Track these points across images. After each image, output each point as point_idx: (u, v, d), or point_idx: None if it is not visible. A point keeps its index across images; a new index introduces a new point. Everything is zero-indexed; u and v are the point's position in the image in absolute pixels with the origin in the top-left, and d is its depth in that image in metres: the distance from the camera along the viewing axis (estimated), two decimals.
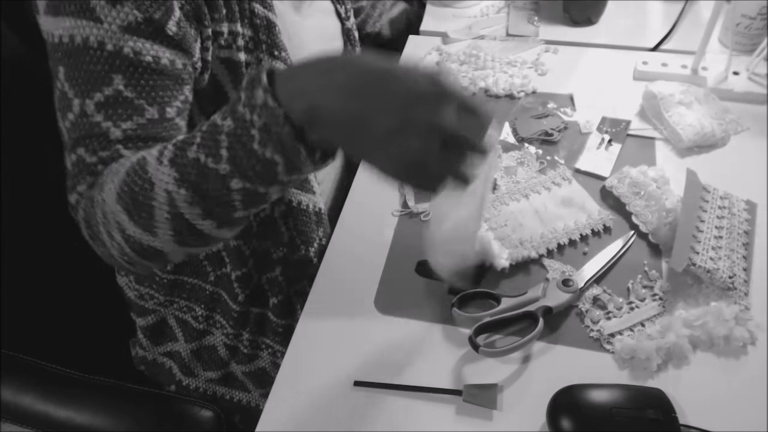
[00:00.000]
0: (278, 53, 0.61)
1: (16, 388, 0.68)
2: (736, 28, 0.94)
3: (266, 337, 0.78)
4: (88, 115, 0.53)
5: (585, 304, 0.66)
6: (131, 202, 0.49)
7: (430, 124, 0.41)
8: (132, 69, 0.52)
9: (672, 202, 0.72)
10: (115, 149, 0.53)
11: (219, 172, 0.46)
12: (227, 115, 0.46)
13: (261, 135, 0.44)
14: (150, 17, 0.51)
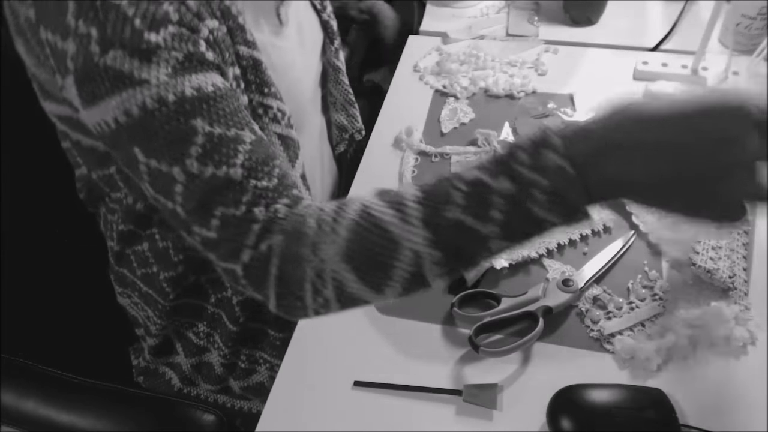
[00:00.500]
0: (267, 90, 0.59)
1: (18, 393, 0.68)
2: (736, 28, 0.94)
3: (264, 351, 0.77)
4: (197, 175, 0.48)
5: (585, 304, 0.66)
6: (365, 261, 0.47)
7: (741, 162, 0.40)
8: (206, 106, 0.48)
9: None
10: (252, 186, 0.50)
11: (481, 233, 0.44)
12: (501, 176, 0.43)
13: (545, 199, 0.42)
14: (188, 52, 0.48)
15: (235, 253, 0.50)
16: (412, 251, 0.45)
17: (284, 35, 0.65)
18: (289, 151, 0.63)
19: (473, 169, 0.45)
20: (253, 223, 0.50)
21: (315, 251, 0.48)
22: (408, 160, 0.85)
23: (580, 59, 1.00)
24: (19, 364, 0.71)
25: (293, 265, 0.49)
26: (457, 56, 1.02)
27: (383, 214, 0.47)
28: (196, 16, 0.49)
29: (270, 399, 0.62)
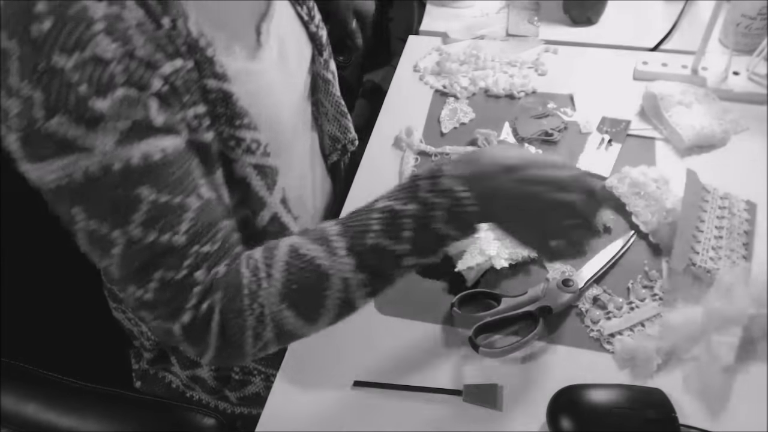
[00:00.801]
0: (239, 122, 0.56)
1: (18, 397, 0.68)
2: (736, 28, 0.94)
3: (257, 363, 0.76)
4: (139, 240, 0.48)
5: (585, 304, 0.66)
6: (302, 298, 0.52)
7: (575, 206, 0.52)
8: (152, 174, 0.48)
9: (672, 202, 0.72)
10: (195, 252, 0.51)
11: (396, 252, 0.52)
12: (408, 201, 0.51)
13: (444, 215, 0.51)
14: (135, 120, 0.47)
15: (174, 314, 0.51)
16: (341, 279, 0.52)
17: (261, 58, 0.63)
18: (266, 179, 0.61)
19: (384, 200, 0.53)
20: (195, 286, 0.51)
21: (254, 299, 0.51)
22: (408, 160, 0.85)
23: (580, 59, 1.00)
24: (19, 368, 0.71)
25: (234, 318, 0.52)
26: (457, 56, 1.02)
27: (311, 250, 0.52)
28: (149, 67, 0.47)
29: (270, 399, 0.62)
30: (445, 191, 0.51)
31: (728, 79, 0.90)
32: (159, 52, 0.48)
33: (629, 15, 1.08)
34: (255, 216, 0.62)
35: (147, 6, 0.48)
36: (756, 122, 0.85)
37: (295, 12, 0.73)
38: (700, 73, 0.91)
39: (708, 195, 0.72)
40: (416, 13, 1.35)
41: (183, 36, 0.51)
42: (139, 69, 0.46)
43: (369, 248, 0.52)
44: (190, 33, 0.51)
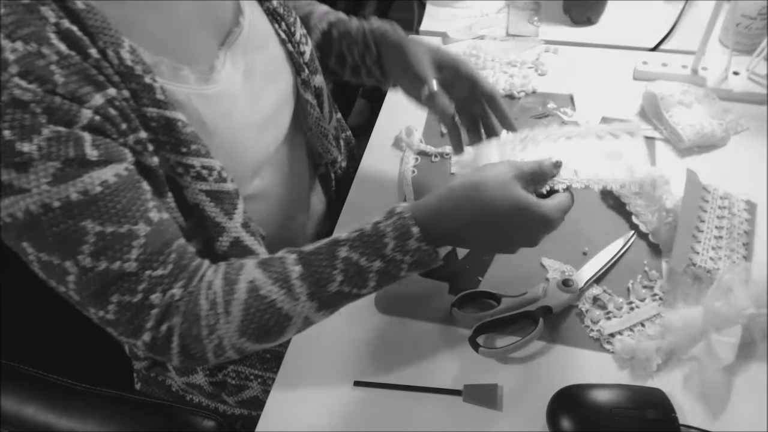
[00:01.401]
0: (186, 149, 0.55)
1: (18, 399, 0.68)
2: (736, 28, 0.94)
3: (253, 367, 0.76)
4: (90, 269, 0.49)
5: (585, 304, 0.66)
6: (262, 334, 0.55)
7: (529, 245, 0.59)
8: (94, 207, 0.48)
9: (672, 202, 0.72)
10: (148, 276, 0.52)
11: (361, 294, 0.56)
12: (374, 258, 0.54)
13: (410, 266, 0.55)
14: (67, 159, 0.47)
15: (136, 333, 0.54)
16: (304, 317, 0.55)
17: (216, 80, 0.60)
18: (222, 204, 0.60)
19: (347, 248, 0.55)
20: (151, 309, 0.53)
21: (212, 331, 0.54)
22: (408, 160, 0.85)
23: (580, 59, 1.00)
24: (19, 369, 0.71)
25: (193, 343, 0.54)
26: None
27: (271, 292, 0.54)
28: (75, 101, 0.47)
29: (270, 399, 0.62)
30: (411, 251, 0.54)
31: (728, 79, 0.90)
32: (87, 85, 0.48)
33: (629, 15, 1.08)
34: (214, 241, 0.62)
35: (71, 39, 0.48)
36: (756, 122, 0.85)
37: (273, 29, 0.70)
38: (700, 73, 0.91)
39: (708, 195, 0.72)
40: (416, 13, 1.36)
41: (115, 65, 0.50)
42: (63, 106, 0.46)
43: (332, 294, 0.55)
44: (122, 61, 0.50)
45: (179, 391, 0.79)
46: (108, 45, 0.50)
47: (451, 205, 0.55)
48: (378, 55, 0.75)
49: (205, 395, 0.78)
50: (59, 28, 0.47)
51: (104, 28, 0.50)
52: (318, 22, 0.81)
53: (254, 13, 0.67)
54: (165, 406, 0.70)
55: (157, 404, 0.70)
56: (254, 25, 0.67)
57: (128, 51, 0.51)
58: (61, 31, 0.47)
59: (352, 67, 0.79)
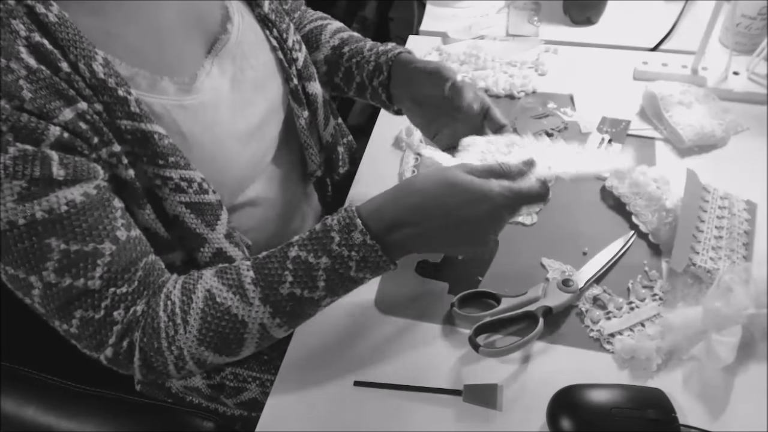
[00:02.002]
0: (164, 161, 0.55)
1: (18, 401, 0.68)
2: (736, 28, 0.94)
3: (251, 370, 0.75)
4: (55, 284, 0.50)
5: (585, 304, 0.66)
6: (220, 342, 0.55)
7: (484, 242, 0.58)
8: (59, 225, 0.49)
9: (672, 202, 0.72)
10: (112, 293, 0.53)
11: (314, 299, 0.55)
12: (321, 254, 0.54)
13: (358, 265, 0.54)
14: (32, 178, 0.47)
15: (98, 347, 0.55)
16: (259, 324, 0.55)
17: (199, 90, 0.59)
18: (203, 216, 0.60)
19: (296, 248, 0.55)
20: (113, 325, 0.54)
21: (171, 342, 0.55)
22: (408, 160, 0.85)
23: (580, 59, 1.00)
24: (19, 371, 0.71)
25: (154, 356, 0.55)
26: (457, 56, 1.02)
27: (226, 299, 0.54)
28: (42, 117, 0.47)
29: (270, 399, 0.62)
30: (356, 245, 0.53)
31: (728, 79, 0.90)
32: (56, 99, 0.48)
33: (629, 15, 1.08)
34: (196, 252, 0.62)
35: (41, 52, 0.48)
36: (756, 122, 0.85)
37: (264, 35, 0.69)
38: (700, 73, 0.91)
39: (708, 195, 0.72)
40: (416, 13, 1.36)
41: (86, 78, 0.50)
42: (30, 123, 0.46)
43: (284, 297, 0.54)
44: (94, 74, 0.50)
45: (178, 392, 0.79)
46: (80, 58, 0.50)
47: (390, 196, 0.56)
48: (388, 78, 0.73)
49: (203, 397, 0.78)
50: (30, 42, 0.47)
51: (76, 41, 0.49)
52: (330, 37, 0.81)
53: (244, 19, 0.67)
54: (164, 407, 0.70)
55: (156, 405, 0.70)
56: (244, 31, 0.66)
57: (101, 64, 0.51)
58: (31, 45, 0.47)
59: (358, 85, 0.78)
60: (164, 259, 0.63)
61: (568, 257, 0.71)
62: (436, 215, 0.54)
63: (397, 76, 0.73)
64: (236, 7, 0.66)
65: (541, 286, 0.65)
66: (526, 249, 0.72)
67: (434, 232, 0.55)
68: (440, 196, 0.54)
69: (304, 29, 0.83)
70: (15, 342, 0.75)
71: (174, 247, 0.62)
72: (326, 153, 0.82)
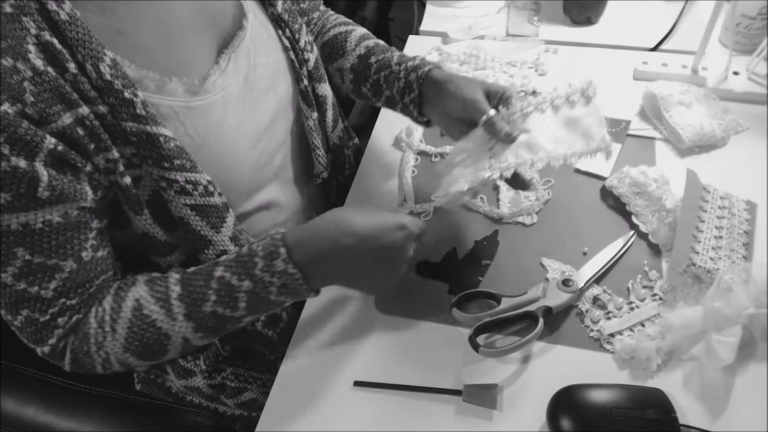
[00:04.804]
0: (168, 164, 0.55)
1: (19, 400, 0.68)
2: (736, 28, 0.94)
3: (252, 370, 0.76)
4: (10, 286, 0.52)
5: (585, 304, 0.66)
6: (144, 351, 0.57)
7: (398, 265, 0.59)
8: (30, 239, 0.51)
9: (672, 202, 0.72)
10: (61, 303, 0.55)
11: (235, 317, 0.57)
12: (244, 277, 0.55)
13: (279, 290, 0.56)
14: (17, 193, 0.48)
15: (37, 343, 0.57)
16: (182, 338, 0.57)
17: (208, 90, 0.59)
18: (208, 218, 0.60)
19: (222, 268, 0.56)
20: (56, 329, 0.56)
21: (99, 347, 0.57)
22: (408, 160, 0.85)
23: (580, 59, 1.00)
24: (20, 370, 0.71)
25: (83, 357, 0.58)
26: (457, 56, 1.02)
27: (152, 312, 0.56)
28: (41, 122, 0.47)
29: (270, 399, 0.62)
30: (278, 273, 0.55)
31: (728, 79, 0.90)
32: (57, 103, 0.48)
33: (629, 15, 1.08)
34: (200, 253, 0.62)
35: (50, 52, 0.48)
36: (756, 122, 0.85)
37: (276, 35, 0.69)
38: (700, 73, 0.91)
39: (708, 195, 0.72)
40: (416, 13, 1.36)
41: (93, 79, 0.50)
42: (26, 134, 0.47)
43: (207, 314, 0.56)
44: (101, 75, 0.50)
45: (179, 392, 0.79)
46: (87, 59, 0.49)
47: (318, 225, 0.58)
48: (419, 96, 0.72)
49: (204, 397, 0.78)
50: (39, 41, 0.47)
51: (85, 41, 0.49)
52: (356, 45, 0.79)
53: (257, 18, 0.67)
54: (164, 406, 0.70)
55: (156, 405, 0.70)
56: (257, 30, 0.66)
57: (108, 65, 0.51)
58: (40, 44, 0.47)
59: (387, 98, 0.77)
60: (162, 261, 0.63)
61: (568, 257, 0.71)
62: (356, 259, 0.57)
63: (428, 95, 0.71)
64: (250, 6, 0.67)
65: (541, 286, 0.65)
66: (526, 249, 0.72)
67: (353, 274, 0.59)
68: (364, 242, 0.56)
69: (327, 34, 0.82)
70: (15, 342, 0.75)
71: (173, 248, 0.62)
72: (333, 155, 0.82)
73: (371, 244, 0.56)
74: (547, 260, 0.71)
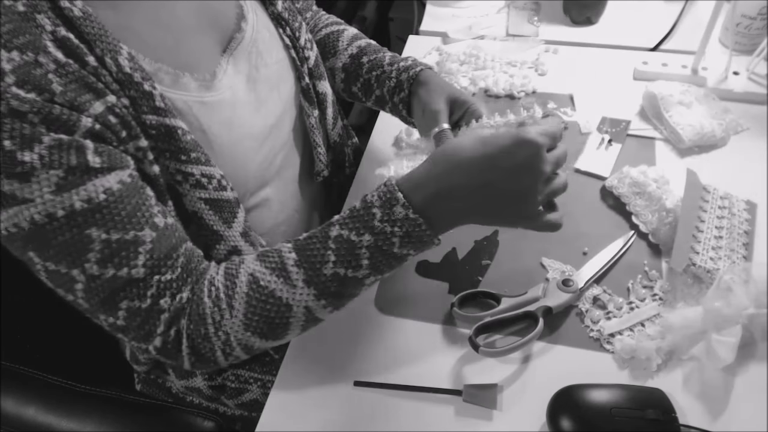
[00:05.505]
0: (185, 157, 0.55)
1: (19, 400, 0.68)
2: (736, 28, 0.94)
3: (253, 371, 0.76)
4: (98, 276, 0.49)
5: (585, 304, 0.66)
6: (266, 327, 0.54)
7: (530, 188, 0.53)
8: (99, 215, 0.48)
9: (672, 202, 0.72)
10: (156, 281, 0.52)
11: (358, 278, 0.54)
12: (364, 231, 0.52)
13: (402, 241, 0.52)
14: (69, 167, 0.46)
15: (146, 338, 0.54)
16: (304, 307, 0.54)
17: (218, 87, 0.60)
18: (221, 213, 0.60)
19: (338, 227, 0.54)
20: (162, 313, 0.53)
21: (218, 328, 0.54)
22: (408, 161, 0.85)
23: (580, 59, 1.00)
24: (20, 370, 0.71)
25: (202, 342, 0.55)
26: (457, 56, 1.02)
27: (270, 282, 0.54)
28: (74, 109, 0.46)
29: (270, 399, 0.62)
30: (399, 220, 0.52)
31: (728, 79, 0.90)
32: (86, 93, 0.48)
33: (629, 15, 1.08)
34: (211, 249, 0.62)
35: (68, 47, 0.47)
36: (756, 122, 0.85)
37: (277, 34, 0.70)
38: (700, 73, 0.91)
39: (708, 195, 0.72)
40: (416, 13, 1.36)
41: (113, 72, 0.50)
42: (62, 115, 0.46)
43: (328, 278, 0.53)
44: (121, 68, 0.50)
45: (179, 392, 0.79)
46: (106, 52, 0.49)
47: (430, 170, 0.54)
48: (409, 96, 0.74)
49: (204, 397, 0.78)
50: (56, 36, 0.47)
51: (101, 35, 0.49)
52: (348, 45, 0.81)
53: (258, 17, 0.67)
54: (165, 407, 0.70)
55: (157, 405, 0.70)
56: (258, 30, 0.66)
57: (127, 58, 0.51)
58: (57, 39, 0.47)
59: (377, 98, 0.78)
60: None
61: (568, 257, 0.71)
62: (478, 189, 0.52)
63: (414, 95, 0.73)
64: (250, 5, 0.67)
65: (541, 286, 0.65)
66: (526, 249, 0.72)
67: (479, 207, 0.53)
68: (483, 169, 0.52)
69: (319, 33, 0.83)
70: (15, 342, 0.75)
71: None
72: (333, 153, 0.82)
73: (491, 173, 0.51)
74: (547, 260, 0.71)
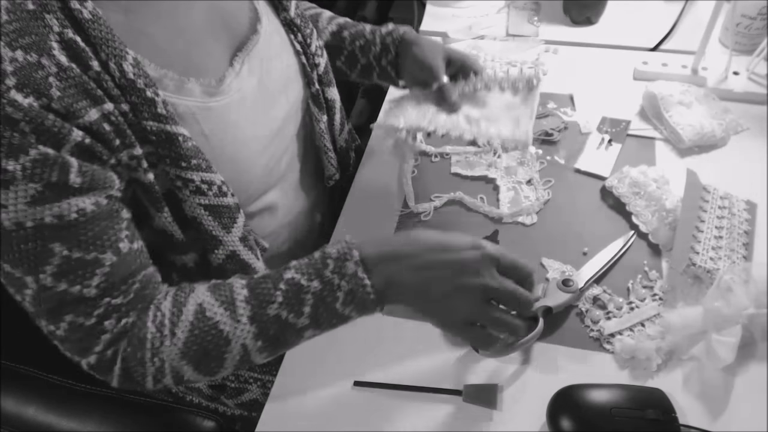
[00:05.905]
0: (186, 164, 0.55)
1: (19, 399, 0.68)
2: (736, 28, 0.94)
3: (252, 370, 0.76)
4: (50, 288, 0.50)
5: (585, 304, 0.66)
6: (202, 358, 0.54)
7: (473, 286, 0.53)
8: (66, 232, 0.49)
9: (672, 202, 0.72)
10: (106, 303, 0.52)
11: (297, 326, 0.54)
12: (314, 277, 0.53)
13: (345, 298, 0.53)
14: (48, 183, 0.46)
15: (82, 353, 0.54)
16: (241, 344, 0.54)
17: (224, 92, 0.60)
18: (221, 218, 0.60)
19: (293, 270, 0.54)
20: (103, 333, 0.53)
21: (155, 354, 0.54)
22: (408, 161, 0.85)
23: (580, 59, 1.00)
24: (20, 370, 0.71)
25: (135, 366, 0.54)
26: None
27: (216, 314, 0.54)
28: (69, 115, 0.47)
29: (270, 399, 0.62)
30: (347, 275, 0.53)
31: (728, 79, 0.90)
32: (83, 99, 0.48)
33: (629, 15, 1.08)
34: (209, 253, 0.62)
35: (73, 49, 0.47)
36: (756, 122, 0.85)
37: (288, 40, 0.70)
38: (700, 73, 0.91)
39: (708, 195, 0.72)
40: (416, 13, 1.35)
41: (116, 77, 0.50)
42: (53, 126, 0.46)
43: (270, 318, 0.53)
44: (124, 74, 0.50)
45: (179, 392, 0.79)
46: (110, 57, 0.49)
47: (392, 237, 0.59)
48: (396, 56, 0.77)
49: (204, 397, 0.78)
50: (62, 38, 0.47)
51: (108, 39, 0.49)
52: (327, 24, 0.83)
53: (271, 22, 0.68)
54: (165, 406, 0.70)
55: (157, 405, 0.70)
56: (271, 34, 0.67)
57: (131, 63, 0.51)
58: (63, 41, 0.47)
59: (363, 67, 0.81)
60: (178, 260, 0.63)
61: (568, 257, 0.71)
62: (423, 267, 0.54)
63: (402, 56, 0.77)
64: (264, 10, 0.67)
65: (541, 286, 0.65)
66: (526, 249, 0.72)
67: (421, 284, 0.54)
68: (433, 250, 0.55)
69: None
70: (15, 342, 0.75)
71: (188, 248, 0.62)
72: (339, 157, 0.82)
73: (444, 255, 0.54)
74: (547, 260, 0.71)
